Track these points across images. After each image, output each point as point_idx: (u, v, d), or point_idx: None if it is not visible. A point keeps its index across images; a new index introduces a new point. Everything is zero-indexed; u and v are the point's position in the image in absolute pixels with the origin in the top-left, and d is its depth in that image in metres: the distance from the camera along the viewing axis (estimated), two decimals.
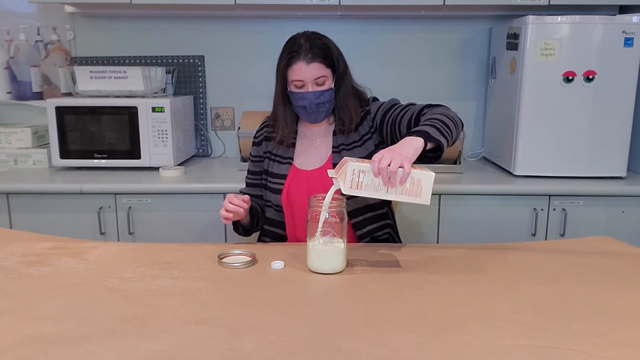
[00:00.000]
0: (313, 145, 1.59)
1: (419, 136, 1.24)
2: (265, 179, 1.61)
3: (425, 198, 1.17)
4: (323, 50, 1.47)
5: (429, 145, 1.26)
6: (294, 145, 1.59)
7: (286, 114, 1.55)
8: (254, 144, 1.66)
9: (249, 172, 1.68)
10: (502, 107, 2.37)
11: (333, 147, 1.55)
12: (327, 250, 1.20)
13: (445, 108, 1.41)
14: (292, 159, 1.57)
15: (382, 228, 1.58)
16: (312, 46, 1.46)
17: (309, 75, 1.46)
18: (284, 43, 1.52)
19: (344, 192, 1.17)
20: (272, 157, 1.60)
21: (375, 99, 1.60)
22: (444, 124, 1.31)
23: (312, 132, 1.60)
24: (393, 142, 1.49)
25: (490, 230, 2.11)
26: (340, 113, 1.53)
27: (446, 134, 1.29)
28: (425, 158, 1.30)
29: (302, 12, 2.51)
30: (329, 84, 1.50)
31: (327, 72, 1.49)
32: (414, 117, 1.43)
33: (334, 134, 1.56)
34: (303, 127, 1.61)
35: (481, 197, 2.10)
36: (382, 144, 1.55)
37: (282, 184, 1.55)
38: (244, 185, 1.69)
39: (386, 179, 1.15)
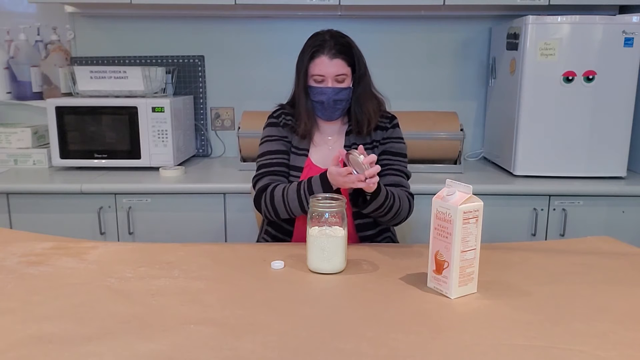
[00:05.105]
0: (327, 144, 1.59)
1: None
2: None
3: None
4: (346, 48, 1.50)
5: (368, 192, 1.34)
6: (310, 137, 1.59)
7: (308, 108, 1.54)
8: (273, 124, 1.59)
9: (271, 152, 1.55)
10: (502, 107, 2.37)
11: (345, 146, 1.57)
12: (327, 236, 1.19)
13: (408, 201, 1.51)
14: (307, 150, 1.57)
15: (381, 233, 1.59)
16: (336, 43, 1.49)
17: (331, 70, 1.48)
18: (307, 39, 1.53)
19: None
20: (290, 147, 1.59)
21: (398, 125, 1.61)
22: (395, 200, 1.43)
23: (325, 128, 1.60)
24: None
25: (490, 230, 2.11)
26: (357, 114, 1.54)
27: (389, 202, 1.41)
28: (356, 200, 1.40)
29: (302, 12, 2.51)
30: (348, 82, 1.52)
31: (348, 70, 1.51)
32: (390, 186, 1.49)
33: (347, 133, 1.57)
34: (319, 121, 1.60)
35: (481, 197, 2.07)
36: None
37: (298, 177, 1.54)
38: (263, 170, 1.53)
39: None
